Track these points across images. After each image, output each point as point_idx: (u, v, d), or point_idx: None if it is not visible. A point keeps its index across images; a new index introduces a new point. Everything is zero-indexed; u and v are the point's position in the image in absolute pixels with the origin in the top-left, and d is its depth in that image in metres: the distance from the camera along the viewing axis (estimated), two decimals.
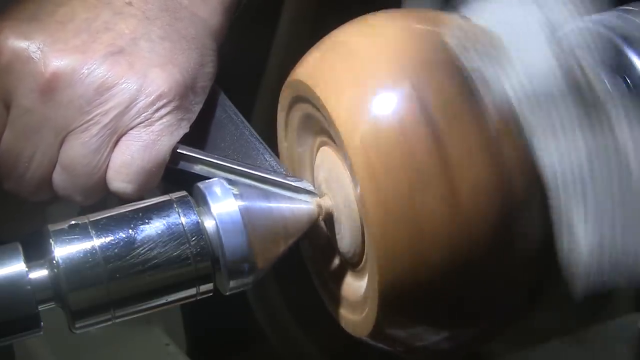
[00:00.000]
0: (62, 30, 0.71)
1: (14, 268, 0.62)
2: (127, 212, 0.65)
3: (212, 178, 0.70)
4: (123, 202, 0.68)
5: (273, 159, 0.74)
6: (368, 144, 0.62)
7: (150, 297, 0.65)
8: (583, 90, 0.61)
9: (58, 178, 0.72)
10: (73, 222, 0.65)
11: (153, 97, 0.71)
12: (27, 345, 1.00)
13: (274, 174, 0.71)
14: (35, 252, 0.64)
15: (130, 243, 0.64)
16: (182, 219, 0.65)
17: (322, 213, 0.69)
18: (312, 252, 0.75)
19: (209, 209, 0.66)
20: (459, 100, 0.61)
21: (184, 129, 0.72)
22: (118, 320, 0.65)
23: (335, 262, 0.72)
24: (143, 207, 0.66)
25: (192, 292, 0.66)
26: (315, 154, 0.72)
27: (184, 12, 0.74)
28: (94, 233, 0.64)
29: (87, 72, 0.70)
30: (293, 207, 0.68)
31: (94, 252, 0.63)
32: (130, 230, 0.64)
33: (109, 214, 0.65)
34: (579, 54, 0.63)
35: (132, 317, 0.65)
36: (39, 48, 0.70)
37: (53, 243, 0.63)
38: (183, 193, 0.67)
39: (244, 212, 0.66)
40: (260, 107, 1.19)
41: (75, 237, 0.64)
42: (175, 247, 0.64)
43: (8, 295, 0.62)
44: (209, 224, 0.65)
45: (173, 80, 0.71)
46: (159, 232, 0.64)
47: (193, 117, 0.73)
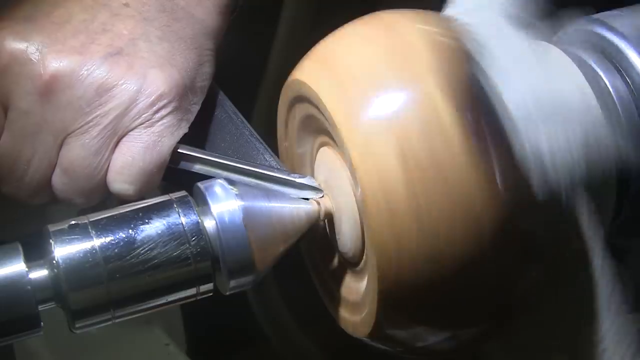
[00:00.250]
0: (59, 31, 0.71)
1: (14, 268, 0.62)
2: (127, 212, 0.65)
3: (213, 177, 0.70)
4: (123, 203, 0.68)
5: (273, 159, 0.74)
6: (368, 144, 0.62)
7: (150, 297, 0.65)
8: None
9: (58, 181, 0.72)
10: (73, 222, 0.65)
11: (153, 97, 0.70)
12: (27, 345, 1.00)
13: (277, 171, 0.71)
14: (35, 252, 0.64)
15: (130, 243, 0.64)
16: (182, 219, 0.65)
17: (322, 213, 0.69)
18: (312, 252, 0.75)
19: (209, 209, 0.66)
20: (462, 97, 0.61)
21: (184, 129, 0.72)
22: (118, 320, 0.65)
23: (335, 262, 0.72)
24: (143, 207, 0.66)
25: (192, 292, 0.66)
26: (315, 154, 0.72)
27: (181, 12, 0.74)
28: (94, 233, 0.64)
29: (86, 73, 0.70)
30: (293, 207, 0.68)
31: (94, 252, 0.63)
32: (130, 230, 0.64)
33: (109, 214, 0.65)
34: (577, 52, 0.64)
35: (132, 317, 0.65)
36: (38, 49, 0.70)
37: (53, 243, 0.63)
38: (183, 193, 0.67)
39: (244, 212, 0.66)
40: (260, 107, 1.19)
41: (75, 237, 0.64)
42: (175, 247, 0.64)
43: (8, 295, 0.62)
44: (209, 224, 0.65)
45: (172, 81, 0.71)
46: (159, 232, 0.64)
47: (192, 117, 0.73)
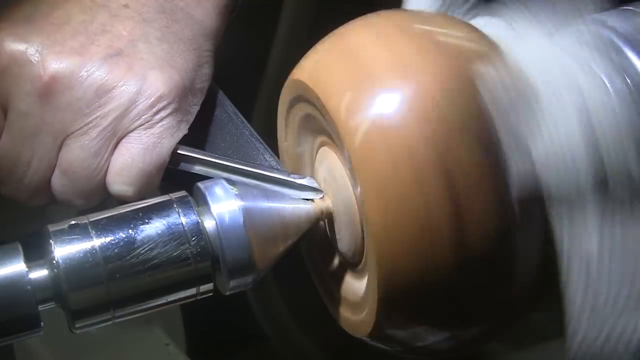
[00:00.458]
0: (59, 32, 0.71)
1: (14, 268, 0.62)
2: (127, 212, 0.65)
3: (213, 177, 0.70)
4: (122, 203, 0.68)
5: (273, 159, 0.74)
6: (368, 145, 0.61)
7: (150, 297, 0.65)
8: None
9: (57, 182, 0.72)
10: (73, 222, 0.65)
11: (153, 99, 0.70)
12: (27, 345, 1.00)
13: (277, 172, 0.71)
14: (35, 252, 0.64)
15: (130, 243, 0.64)
16: (182, 219, 0.65)
17: (322, 213, 0.69)
18: (312, 252, 0.75)
19: (209, 209, 0.66)
20: (457, 95, 0.61)
21: (183, 131, 0.72)
22: (118, 320, 0.65)
23: (335, 262, 0.72)
24: (143, 207, 0.66)
25: (192, 292, 0.66)
26: (315, 154, 0.72)
27: (180, 14, 0.74)
28: (94, 233, 0.64)
29: (86, 74, 0.70)
30: (293, 207, 0.68)
31: (94, 252, 0.63)
32: (130, 230, 0.64)
33: (109, 214, 0.65)
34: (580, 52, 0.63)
35: (132, 317, 0.65)
36: (37, 50, 0.70)
37: (53, 243, 0.63)
38: (183, 193, 0.67)
39: (244, 212, 0.66)
40: (260, 107, 1.19)
41: (75, 237, 0.64)
42: (175, 247, 0.64)
43: (8, 295, 0.62)
44: (209, 224, 0.65)
45: (172, 82, 0.71)
46: (159, 232, 0.64)
47: (192, 118, 0.73)
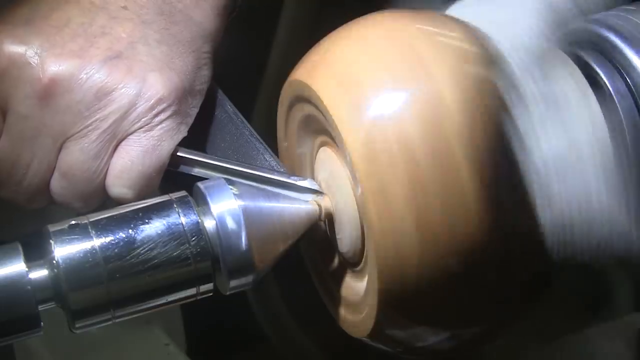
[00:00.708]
0: (58, 35, 0.71)
1: (14, 268, 0.62)
2: (127, 212, 0.65)
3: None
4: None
5: (273, 159, 0.74)
6: (368, 144, 0.61)
7: (150, 297, 0.65)
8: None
9: (56, 185, 0.71)
10: (73, 222, 0.65)
11: (152, 101, 0.70)
12: (27, 345, 1.00)
13: (277, 174, 0.71)
14: (35, 252, 0.64)
15: (130, 243, 0.64)
16: (182, 219, 0.65)
17: (322, 213, 0.69)
18: (312, 252, 0.75)
19: (209, 209, 0.66)
20: (457, 96, 0.61)
21: (183, 133, 0.72)
22: (118, 320, 0.65)
23: (335, 262, 0.72)
24: (143, 207, 0.66)
25: (192, 292, 0.66)
26: (315, 154, 0.72)
27: (179, 15, 0.74)
28: (94, 233, 0.64)
29: (85, 77, 0.70)
30: (293, 207, 0.68)
31: (94, 252, 0.63)
32: (130, 230, 0.64)
33: (109, 214, 0.65)
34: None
35: (132, 317, 0.65)
36: (37, 53, 0.69)
37: (53, 243, 0.63)
38: (183, 193, 0.67)
39: (244, 212, 0.66)
40: (260, 107, 1.19)
41: (75, 237, 0.64)
42: (175, 247, 0.64)
43: (8, 295, 0.62)
44: (209, 224, 0.65)
45: (172, 84, 0.71)
46: (159, 232, 0.64)
47: (191, 120, 0.73)
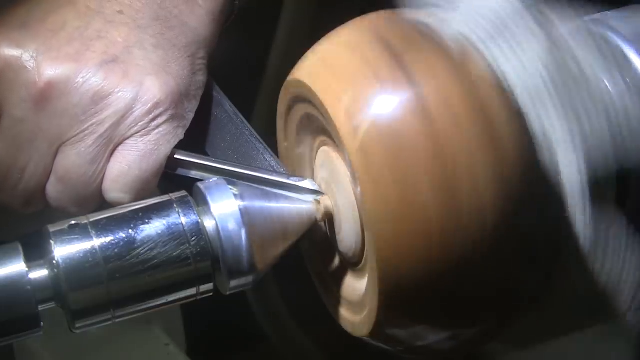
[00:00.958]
0: (54, 38, 0.71)
1: (14, 268, 0.62)
2: (127, 212, 0.65)
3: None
4: None
5: (273, 159, 0.74)
6: (368, 144, 0.61)
7: (150, 297, 0.65)
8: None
9: (52, 189, 0.71)
10: (73, 222, 0.65)
11: (149, 105, 0.70)
12: (27, 345, 1.00)
13: (277, 175, 0.71)
14: (35, 252, 0.64)
15: (130, 243, 0.64)
16: (182, 219, 0.65)
17: (322, 213, 0.69)
18: (312, 252, 0.75)
19: (209, 209, 0.66)
20: (458, 96, 0.61)
21: (180, 137, 0.72)
22: (118, 320, 0.65)
23: (335, 262, 0.72)
24: (143, 207, 0.66)
25: (192, 292, 0.66)
26: (315, 154, 0.72)
27: (175, 21, 0.74)
28: (94, 233, 0.64)
29: (82, 80, 0.70)
30: (293, 207, 0.68)
31: (94, 252, 0.63)
32: (130, 230, 0.64)
33: (109, 214, 0.65)
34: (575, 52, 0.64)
35: (132, 317, 0.65)
36: (33, 57, 0.69)
37: (53, 243, 0.63)
38: (183, 193, 0.67)
39: (244, 212, 0.66)
40: (260, 107, 1.19)
41: (75, 237, 0.64)
42: (175, 247, 0.64)
43: (8, 295, 0.62)
44: (209, 224, 0.65)
45: (168, 89, 0.71)
46: (159, 232, 0.64)
47: (188, 124, 0.73)
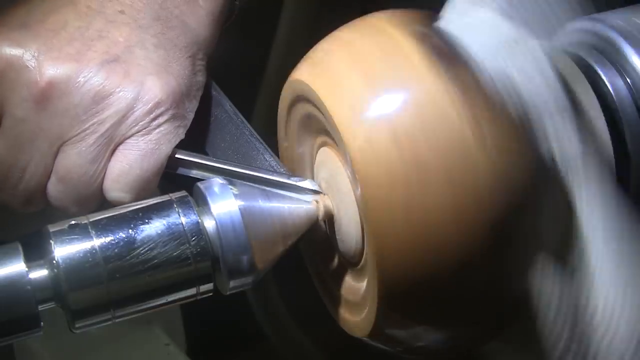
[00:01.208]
0: (55, 38, 0.71)
1: (14, 268, 0.62)
2: (127, 212, 0.65)
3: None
4: None
5: (273, 159, 0.74)
6: (368, 144, 0.61)
7: (150, 297, 0.65)
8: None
9: (53, 189, 0.71)
10: (73, 222, 0.65)
11: (150, 105, 0.70)
12: (27, 345, 1.00)
13: (277, 175, 0.71)
14: (35, 252, 0.64)
15: (130, 243, 0.64)
16: (182, 219, 0.65)
17: (322, 213, 0.69)
18: (312, 252, 0.75)
19: (209, 209, 0.66)
20: (459, 95, 0.61)
21: (181, 136, 0.72)
22: (118, 320, 0.65)
23: (335, 262, 0.72)
24: (143, 207, 0.66)
25: (192, 292, 0.66)
26: (315, 154, 0.72)
27: (175, 21, 0.74)
28: (94, 233, 0.64)
29: (83, 80, 0.70)
30: (293, 207, 0.68)
31: (94, 252, 0.63)
32: (130, 230, 0.64)
33: (109, 214, 0.65)
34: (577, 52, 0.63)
35: (132, 317, 0.65)
36: (34, 56, 0.69)
37: (53, 243, 0.63)
38: (183, 193, 0.67)
39: (244, 212, 0.66)
40: (260, 107, 1.19)
41: (75, 237, 0.64)
42: (175, 247, 0.64)
43: (8, 295, 0.62)
44: (209, 224, 0.65)
45: (169, 88, 0.71)
46: (159, 232, 0.64)
47: (188, 123, 0.73)
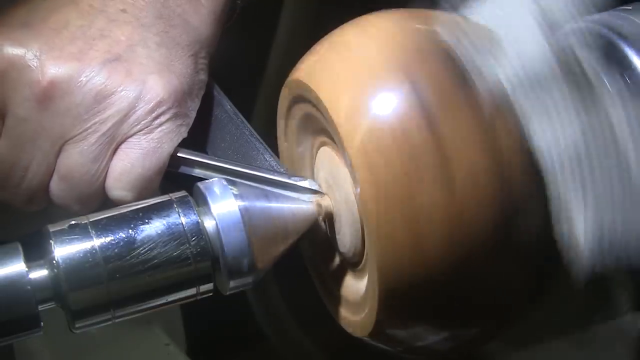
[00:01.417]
0: (57, 37, 0.71)
1: (14, 268, 0.62)
2: (127, 212, 0.65)
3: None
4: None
5: (273, 159, 0.74)
6: (368, 144, 0.62)
7: (150, 297, 0.65)
8: (575, 74, 0.61)
9: (55, 188, 0.72)
10: (73, 222, 0.65)
11: (152, 104, 0.70)
12: (27, 345, 1.00)
13: (277, 174, 0.71)
14: (35, 252, 0.64)
15: (130, 243, 0.64)
16: (182, 219, 0.65)
17: (322, 213, 0.69)
18: (312, 252, 0.75)
19: (209, 209, 0.66)
20: (456, 95, 0.61)
21: (183, 135, 0.72)
22: (118, 320, 0.65)
23: (335, 262, 0.72)
24: (143, 207, 0.66)
25: (192, 292, 0.66)
26: (315, 154, 0.72)
27: (178, 19, 0.74)
28: (94, 233, 0.64)
29: (85, 79, 0.70)
30: (293, 207, 0.68)
31: (94, 252, 0.63)
32: (130, 230, 0.64)
33: (109, 214, 0.65)
34: (576, 51, 0.63)
35: (132, 317, 0.65)
36: (36, 56, 0.70)
37: (53, 243, 0.63)
38: (183, 193, 0.67)
39: (244, 212, 0.66)
40: (260, 107, 1.19)
41: (75, 237, 0.64)
42: (175, 247, 0.64)
43: (8, 295, 0.62)
44: (209, 224, 0.65)
45: (171, 87, 0.71)
46: (159, 232, 0.64)
47: (190, 122, 0.73)
